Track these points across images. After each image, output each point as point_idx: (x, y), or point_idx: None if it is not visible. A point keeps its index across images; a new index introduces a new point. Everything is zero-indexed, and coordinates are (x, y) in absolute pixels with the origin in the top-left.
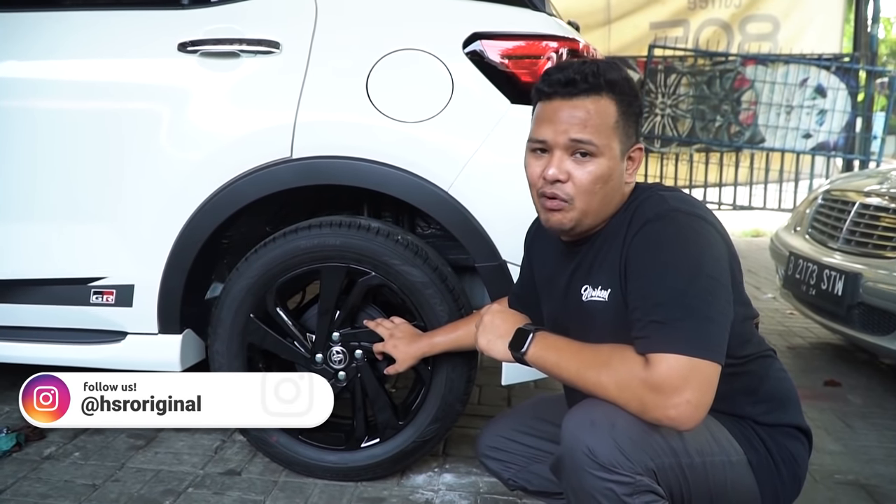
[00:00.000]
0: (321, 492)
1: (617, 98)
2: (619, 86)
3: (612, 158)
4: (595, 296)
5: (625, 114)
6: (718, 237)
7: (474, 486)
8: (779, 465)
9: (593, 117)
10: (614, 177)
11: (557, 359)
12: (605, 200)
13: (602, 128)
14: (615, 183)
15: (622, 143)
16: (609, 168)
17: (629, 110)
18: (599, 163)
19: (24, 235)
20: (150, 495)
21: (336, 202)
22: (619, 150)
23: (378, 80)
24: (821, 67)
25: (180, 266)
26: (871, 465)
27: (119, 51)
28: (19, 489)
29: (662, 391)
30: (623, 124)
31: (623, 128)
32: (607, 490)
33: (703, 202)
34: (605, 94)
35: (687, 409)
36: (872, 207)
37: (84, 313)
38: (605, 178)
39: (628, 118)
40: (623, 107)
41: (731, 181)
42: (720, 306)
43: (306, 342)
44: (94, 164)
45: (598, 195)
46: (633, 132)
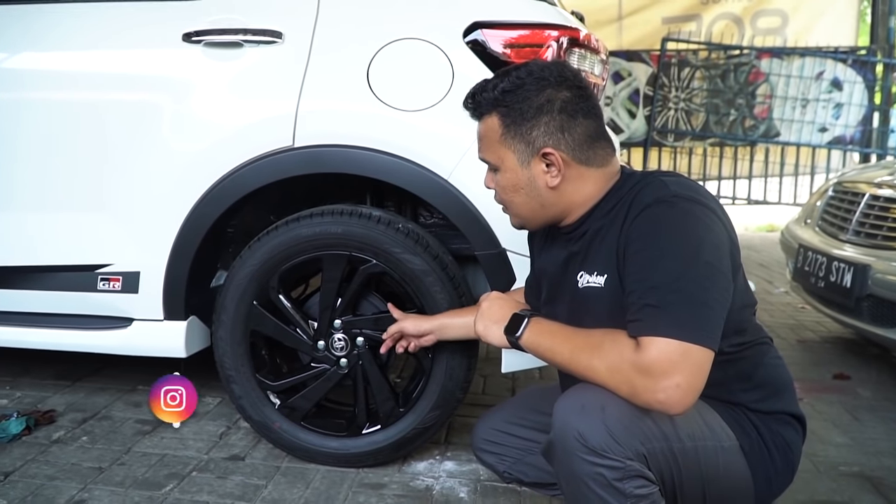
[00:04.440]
0: (323, 477)
1: (499, 112)
2: (499, 100)
3: (510, 170)
4: (591, 282)
5: (512, 124)
6: (719, 223)
7: (474, 474)
8: (772, 451)
9: (484, 137)
10: (522, 184)
11: (551, 343)
12: (529, 206)
13: (492, 144)
14: (529, 189)
15: (518, 153)
16: (511, 178)
17: (516, 118)
18: (502, 176)
19: (32, 223)
20: (154, 478)
21: (340, 191)
22: (516, 160)
23: (379, 70)
24: (837, 60)
25: (185, 253)
26: (877, 458)
27: (125, 42)
28: (27, 471)
29: (652, 374)
30: (512, 133)
31: (513, 137)
32: (597, 475)
33: (717, 196)
34: (489, 113)
35: (676, 394)
36: (882, 199)
37: (91, 299)
38: (514, 187)
39: (517, 126)
40: (508, 118)
41: (746, 175)
42: (717, 293)
43: (308, 329)
44: (101, 153)
45: (515, 203)
46: (532, 137)
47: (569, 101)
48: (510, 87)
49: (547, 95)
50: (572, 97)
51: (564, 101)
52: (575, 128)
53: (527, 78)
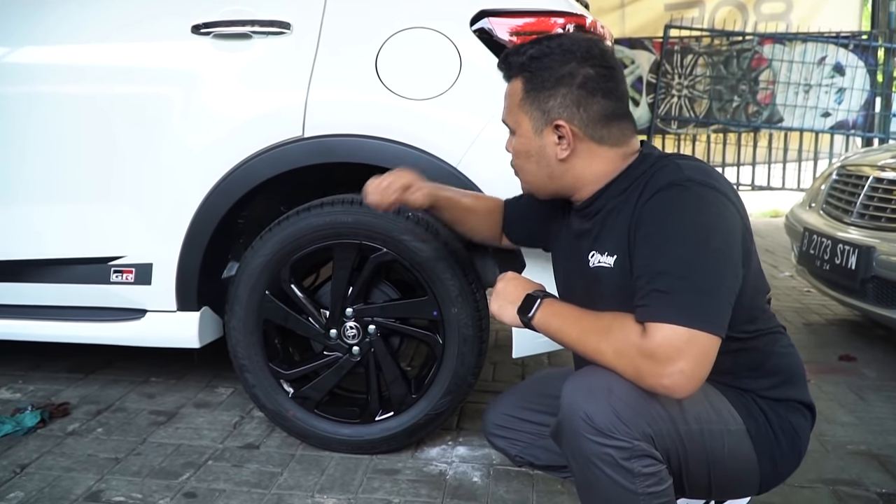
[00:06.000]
0: (337, 464)
1: (524, 76)
2: (525, 65)
3: (524, 135)
4: (602, 261)
5: (532, 90)
6: (732, 209)
7: (487, 459)
8: (778, 435)
9: (507, 99)
10: (532, 152)
11: (561, 324)
12: (536, 175)
13: (512, 107)
14: (539, 158)
15: (533, 120)
16: (524, 144)
17: (536, 85)
18: (517, 140)
19: (45, 216)
20: (171, 468)
21: (349, 180)
22: (530, 127)
23: (387, 59)
24: (839, 45)
25: (197, 244)
26: (883, 436)
27: (134, 34)
28: (43, 463)
29: (657, 359)
30: (531, 100)
31: (531, 103)
32: (605, 455)
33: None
34: (516, 76)
35: (680, 379)
36: (886, 181)
37: (105, 291)
38: (526, 153)
39: (536, 93)
40: (529, 84)
41: (750, 161)
42: (726, 279)
43: (321, 318)
44: (111, 146)
45: (524, 170)
46: (548, 106)
47: (590, 78)
48: (538, 54)
49: (570, 69)
50: (595, 75)
51: (586, 78)
52: (592, 105)
53: (555, 48)
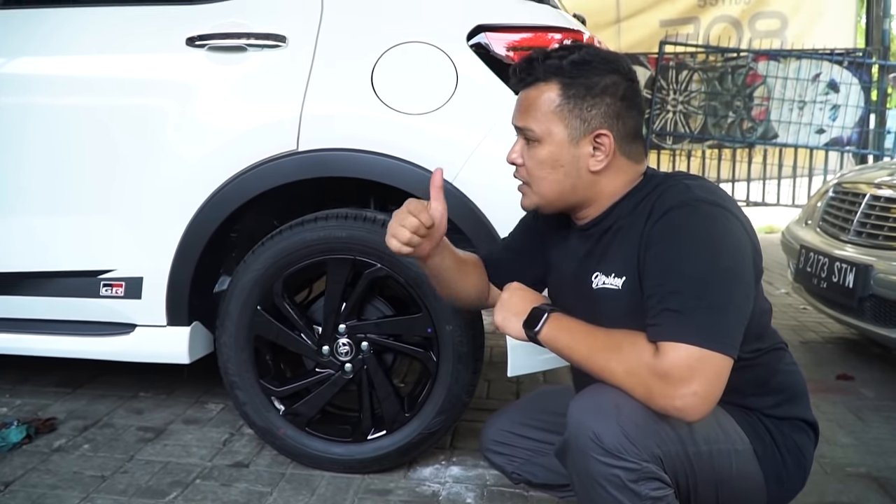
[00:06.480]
0: (328, 484)
1: (561, 82)
2: (565, 70)
3: (555, 144)
4: (608, 283)
5: (573, 97)
6: (742, 229)
7: (481, 479)
8: (784, 455)
9: (532, 104)
10: (563, 162)
11: (570, 340)
12: (561, 186)
13: (541, 115)
14: (569, 168)
15: (571, 128)
16: (552, 154)
17: (579, 91)
18: (542, 148)
19: (35, 228)
20: (157, 486)
21: (343, 195)
22: (565, 135)
23: (383, 73)
24: (833, 62)
25: (188, 258)
26: (883, 458)
27: (129, 46)
28: (28, 480)
29: (670, 380)
30: (570, 107)
31: (570, 111)
32: (613, 476)
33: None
34: (547, 81)
35: (693, 401)
36: (883, 199)
37: (94, 305)
38: (551, 164)
39: (579, 100)
40: (570, 90)
41: (744, 177)
42: (738, 299)
43: (313, 334)
44: (103, 158)
45: (547, 180)
46: (591, 115)
47: (629, 91)
48: (580, 60)
49: (614, 79)
50: (631, 88)
51: (626, 90)
52: (629, 119)
53: (595, 57)
